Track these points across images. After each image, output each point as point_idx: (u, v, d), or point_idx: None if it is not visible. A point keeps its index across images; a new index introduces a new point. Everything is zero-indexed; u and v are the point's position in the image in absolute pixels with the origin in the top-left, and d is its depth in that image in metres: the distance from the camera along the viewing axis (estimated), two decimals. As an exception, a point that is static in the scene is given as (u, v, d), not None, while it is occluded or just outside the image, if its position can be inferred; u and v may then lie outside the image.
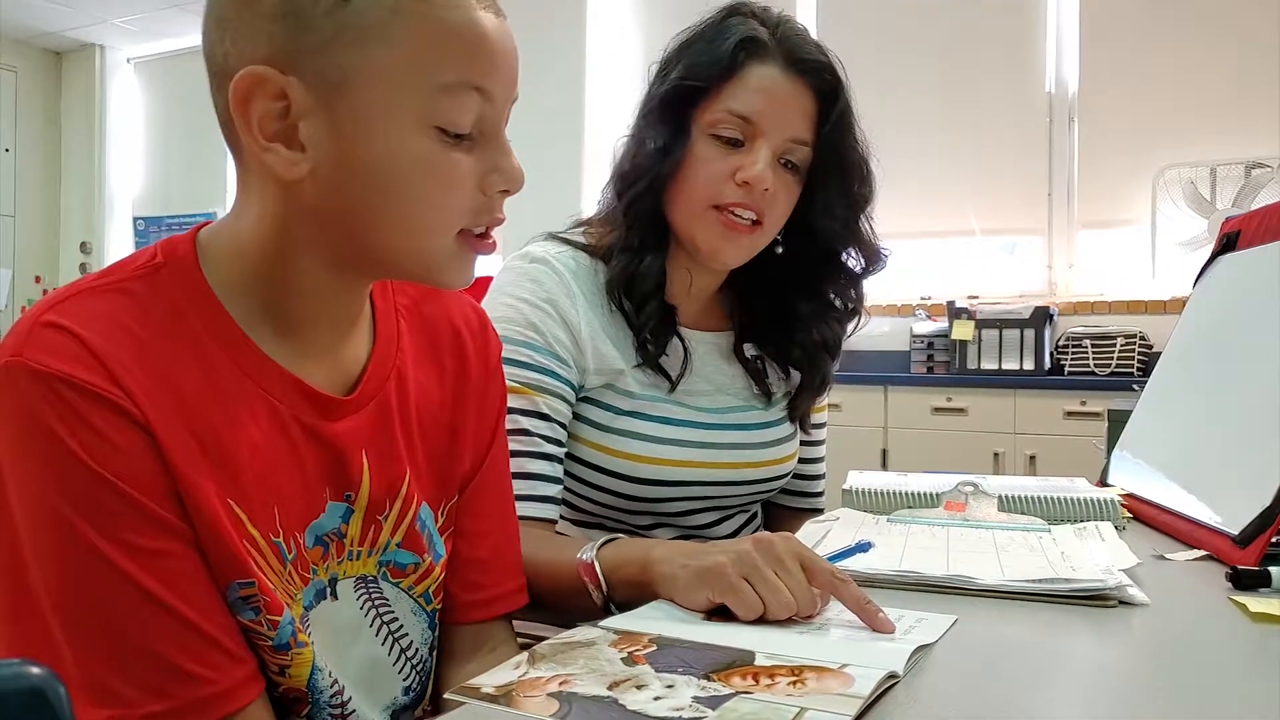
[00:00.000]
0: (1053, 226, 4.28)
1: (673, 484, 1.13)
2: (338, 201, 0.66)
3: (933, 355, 4.17)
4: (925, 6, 4.46)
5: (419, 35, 0.63)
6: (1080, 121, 4.22)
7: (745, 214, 1.09)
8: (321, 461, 0.73)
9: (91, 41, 6.92)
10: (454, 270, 0.72)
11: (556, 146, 5.16)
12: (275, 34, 0.63)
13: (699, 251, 1.12)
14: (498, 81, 0.68)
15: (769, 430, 1.23)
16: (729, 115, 1.07)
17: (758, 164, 1.06)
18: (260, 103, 0.63)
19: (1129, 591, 0.82)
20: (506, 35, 0.68)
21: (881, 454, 3.94)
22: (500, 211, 0.72)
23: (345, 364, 0.76)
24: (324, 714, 0.74)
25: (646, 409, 1.13)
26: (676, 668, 0.63)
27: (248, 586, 0.67)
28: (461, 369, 0.86)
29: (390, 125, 0.64)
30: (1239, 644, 0.74)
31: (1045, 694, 0.64)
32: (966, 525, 1.11)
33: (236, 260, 0.70)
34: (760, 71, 1.07)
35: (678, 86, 1.10)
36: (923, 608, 0.78)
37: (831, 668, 0.62)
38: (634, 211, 1.12)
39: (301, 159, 0.65)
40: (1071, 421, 3.61)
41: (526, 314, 1.08)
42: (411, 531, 0.79)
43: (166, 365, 0.65)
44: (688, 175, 1.09)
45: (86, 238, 7.00)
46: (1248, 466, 1.00)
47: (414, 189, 0.66)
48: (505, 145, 0.70)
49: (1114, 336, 3.85)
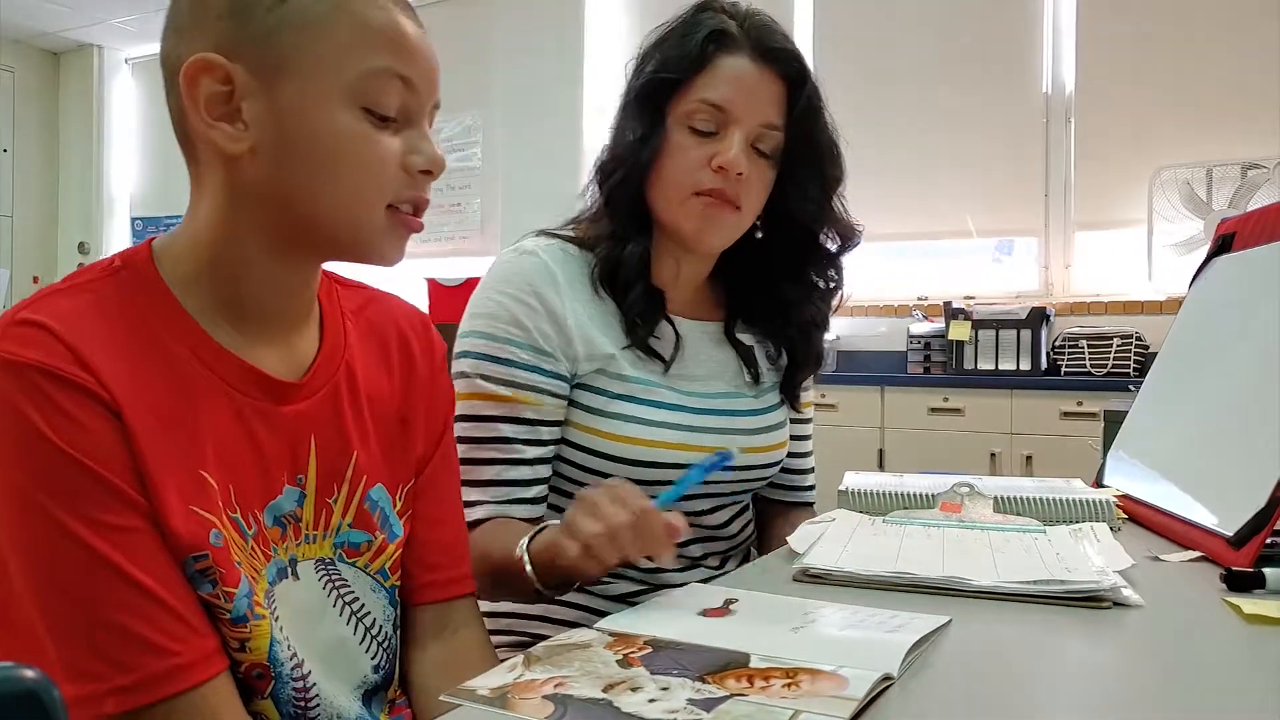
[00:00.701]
0: (1049, 227, 4.28)
1: (666, 466, 1.14)
2: (278, 176, 0.73)
3: (929, 355, 4.17)
4: (922, 8, 4.46)
5: (350, 28, 0.72)
6: (1077, 122, 4.22)
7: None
8: (275, 444, 0.78)
9: (89, 42, 6.91)
10: (385, 245, 0.77)
11: (555, 146, 5.17)
12: (223, 29, 0.71)
13: (684, 237, 1.16)
14: (418, 75, 0.75)
15: (760, 417, 1.24)
16: (702, 105, 1.11)
17: (731, 149, 1.10)
18: (207, 84, 0.71)
19: (1124, 593, 0.82)
20: (425, 40, 0.77)
21: (878, 454, 3.95)
22: (425, 192, 0.78)
23: (297, 354, 0.82)
24: (287, 690, 0.77)
25: (639, 393, 1.14)
26: (671, 670, 0.63)
27: (202, 559, 0.70)
28: (408, 365, 0.92)
29: (323, 104, 0.72)
30: (1233, 645, 0.74)
31: (1040, 696, 0.65)
32: (962, 526, 1.11)
33: (189, 256, 0.76)
34: (730, 62, 1.12)
35: (652, 80, 1.14)
36: (919, 609, 0.78)
37: (826, 670, 0.62)
38: (615, 200, 1.16)
39: (244, 135, 0.72)
40: (1068, 422, 3.62)
41: (511, 309, 1.11)
42: (361, 511, 0.84)
43: (129, 354, 0.70)
44: (666, 164, 1.13)
45: (84, 238, 7.00)
46: (1243, 468, 1.01)
47: (344, 160, 0.73)
48: (426, 132, 0.78)
49: (1110, 337, 3.85)
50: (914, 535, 1.06)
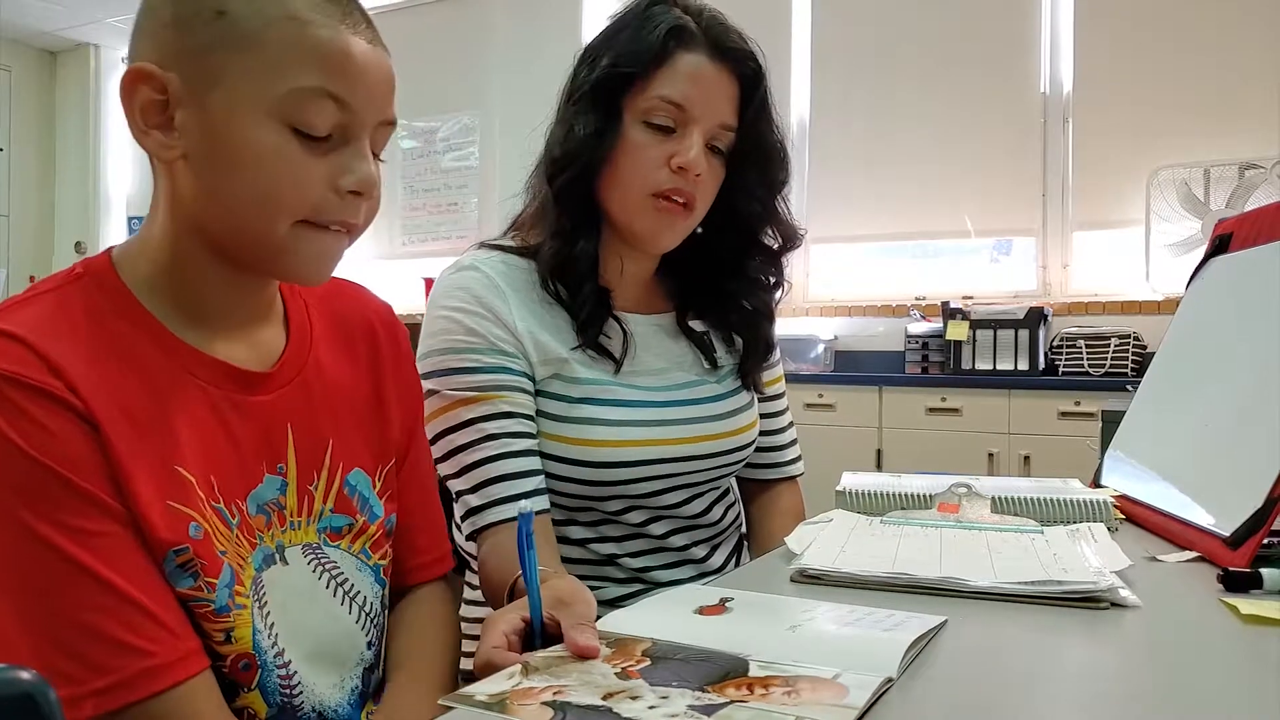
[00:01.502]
0: (1047, 227, 4.29)
1: (634, 464, 1.13)
2: (202, 186, 0.74)
3: (927, 355, 4.17)
4: (920, 8, 4.46)
5: (284, 45, 0.72)
6: (1074, 122, 4.23)
7: (678, 199, 1.12)
8: (253, 435, 0.80)
9: (86, 41, 6.90)
10: (301, 261, 0.77)
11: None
12: (166, 39, 0.73)
13: (636, 237, 1.15)
14: (356, 95, 0.74)
15: (723, 402, 1.24)
16: (661, 102, 1.10)
17: (692, 149, 1.09)
18: (143, 92, 0.73)
19: (1121, 593, 0.82)
20: (375, 59, 0.76)
21: (876, 454, 3.95)
22: (350, 214, 0.77)
23: (264, 347, 0.84)
24: (273, 678, 0.78)
25: (597, 394, 1.13)
26: (671, 682, 0.62)
27: (183, 553, 0.72)
28: (374, 352, 0.94)
29: (247, 119, 0.72)
30: (1230, 646, 0.74)
31: (1037, 696, 0.65)
32: (960, 527, 1.11)
33: (146, 261, 0.78)
34: (689, 59, 1.10)
35: (609, 74, 1.11)
36: (916, 610, 0.78)
37: (826, 677, 0.62)
38: (565, 196, 1.14)
39: (175, 143, 0.73)
40: (1066, 422, 3.62)
41: (462, 321, 1.10)
42: (341, 496, 0.86)
43: (98, 357, 0.72)
44: (622, 162, 1.11)
45: (81, 237, 6.98)
46: (1240, 468, 1.01)
47: (264, 174, 0.73)
48: (365, 153, 0.77)
49: (1108, 337, 3.86)
50: (911, 536, 1.06)
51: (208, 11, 0.71)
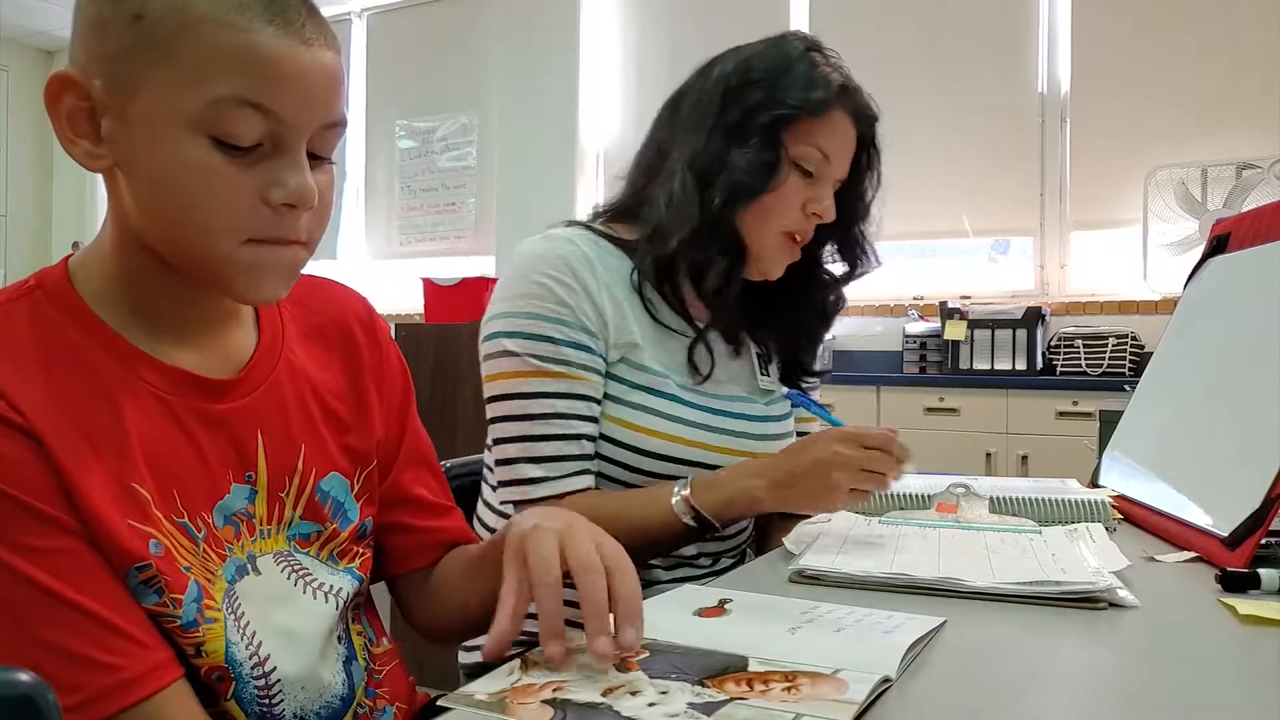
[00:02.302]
0: (1044, 227, 4.29)
1: (674, 460, 1.16)
2: (140, 201, 0.71)
3: (925, 355, 4.17)
4: (918, 8, 4.46)
5: (199, 52, 0.67)
6: (1072, 122, 4.23)
7: (798, 238, 1.21)
8: (218, 444, 0.77)
9: (83, 40, 6.89)
10: (245, 281, 0.73)
11: (549, 146, 5.17)
12: (89, 42, 0.69)
13: (756, 263, 1.21)
14: (284, 102, 0.69)
15: (769, 424, 1.27)
16: (817, 151, 1.17)
17: (827, 200, 1.19)
18: (68, 100, 0.69)
19: (1119, 594, 0.82)
20: (309, 59, 0.70)
21: (874, 454, 3.94)
22: (288, 229, 0.72)
23: (231, 354, 0.81)
24: (249, 689, 0.76)
25: (657, 384, 1.17)
26: (670, 674, 0.63)
27: (145, 569, 0.70)
28: (352, 352, 0.91)
29: (169, 132, 0.68)
30: (1228, 646, 0.74)
31: (1035, 697, 0.65)
32: (958, 527, 1.12)
33: (100, 271, 0.75)
34: (842, 115, 1.19)
35: (783, 113, 1.15)
36: (915, 610, 0.78)
37: (825, 673, 0.62)
38: (726, 220, 1.17)
39: (103, 154, 0.70)
40: (1063, 422, 3.62)
41: (554, 290, 1.13)
42: (312, 503, 0.84)
43: (46, 371, 0.70)
44: (775, 200, 1.17)
45: (78, 238, 6.96)
46: (1238, 468, 1.01)
47: (187, 193, 0.69)
48: (299, 162, 0.71)
49: (1105, 337, 3.86)
50: (910, 536, 1.06)
51: (126, 15, 0.67)
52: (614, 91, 5.19)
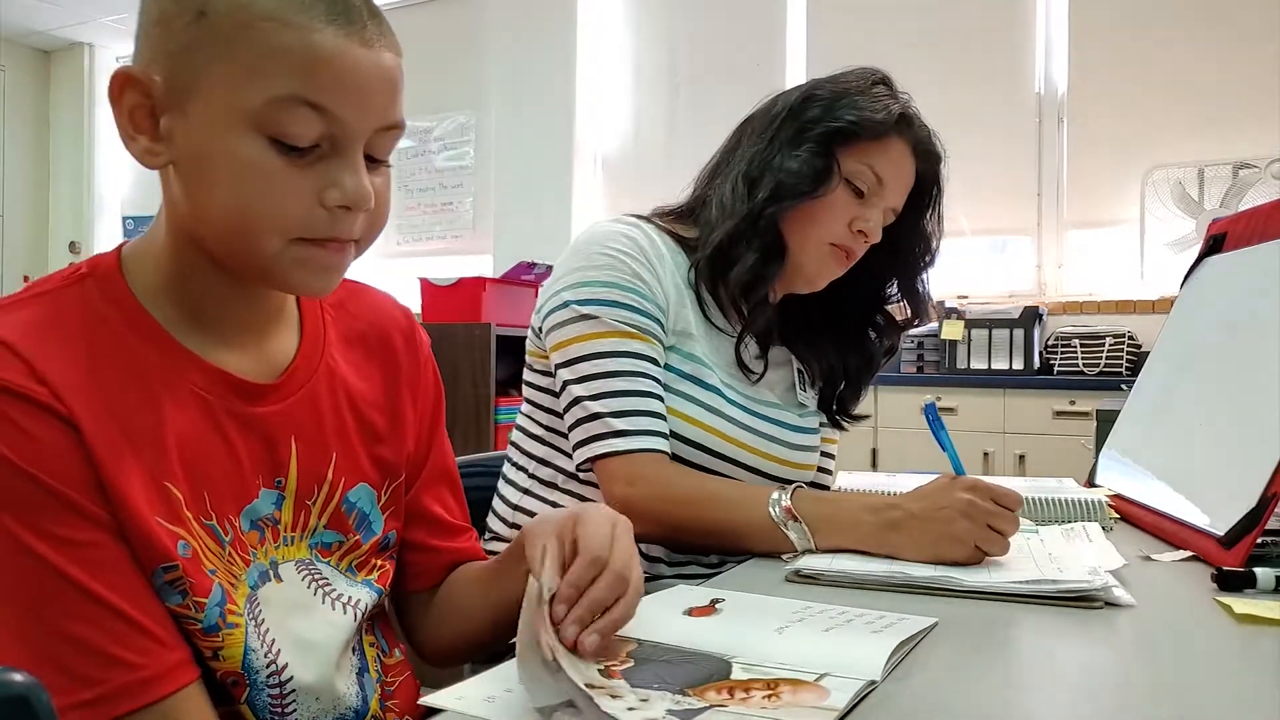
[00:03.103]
0: (1042, 226, 4.29)
1: (711, 453, 1.17)
2: (192, 197, 0.71)
3: (923, 355, 4.18)
4: (915, 7, 4.46)
5: (259, 51, 0.67)
6: (1069, 122, 4.23)
7: (844, 253, 1.23)
8: (253, 448, 0.77)
9: (80, 40, 6.89)
10: (294, 276, 0.73)
11: (547, 145, 5.17)
12: (152, 39, 0.70)
13: (800, 272, 1.23)
14: (344, 103, 0.69)
15: (801, 435, 1.28)
16: (870, 171, 1.19)
17: (874, 220, 1.21)
18: (130, 97, 0.70)
19: (1115, 593, 0.82)
20: (369, 61, 0.70)
21: (871, 454, 3.95)
22: (343, 230, 0.72)
23: (273, 356, 0.81)
24: (262, 696, 0.75)
25: (702, 374, 1.20)
26: (652, 684, 0.62)
27: (172, 570, 0.69)
28: (391, 361, 0.91)
29: (226, 130, 0.68)
30: (1224, 645, 0.74)
31: (1031, 696, 0.65)
32: (955, 526, 1.11)
33: (152, 265, 0.75)
34: (900, 145, 1.21)
35: (842, 127, 1.18)
36: (911, 609, 0.78)
37: (808, 680, 0.61)
38: (768, 220, 1.20)
39: (161, 150, 0.70)
40: (1060, 421, 3.63)
41: (629, 264, 1.17)
42: (337, 513, 0.83)
43: (90, 362, 0.70)
44: (821, 208, 1.19)
45: (76, 237, 6.97)
46: (1234, 468, 1.01)
47: (243, 191, 0.69)
48: (355, 164, 0.71)
49: (1102, 336, 3.86)
50: None
51: (189, 12, 0.68)
52: (611, 91, 5.19)
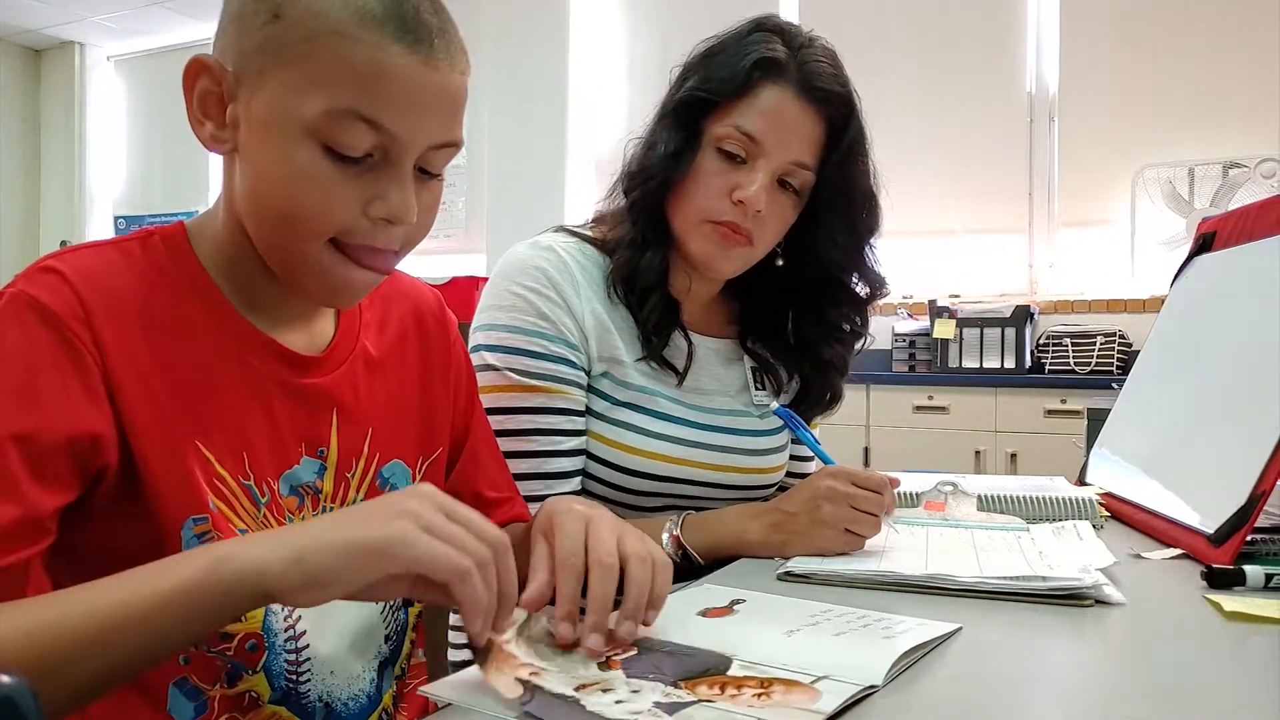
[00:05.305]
0: (1033, 225, 4.30)
1: (659, 478, 1.14)
2: (246, 191, 0.74)
3: (914, 354, 4.19)
4: (907, 7, 4.47)
5: (323, 61, 0.69)
6: (1060, 121, 4.24)
7: (734, 231, 1.11)
8: (295, 416, 0.80)
9: (71, 39, 6.86)
10: (321, 281, 0.75)
11: (540, 144, 5.16)
12: (229, 32, 0.73)
13: (691, 259, 1.15)
14: (397, 121, 0.70)
15: (761, 439, 1.24)
16: (736, 132, 1.09)
17: (753, 185, 1.08)
18: (202, 82, 0.73)
19: (1105, 590, 0.82)
20: (431, 80, 0.71)
21: (863, 452, 3.96)
22: (381, 241, 0.74)
23: (315, 333, 0.84)
24: (280, 661, 0.77)
25: (642, 401, 1.15)
26: (648, 674, 0.63)
27: (202, 522, 0.71)
28: (424, 341, 0.94)
29: (283, 132, 0.70)
30: (1214, 642, 0.75)
31: (1022, 694, 0.65)
32: (946, 525, 1.12)
33: (212, 239, 0.79)
34: (772, 92, 1.09)
35: (692, 95, 1.12)
36: (904, 608, 0.78)
37: (803, 682, 0.61)
38: (639, 208, 1.15)
39: (227, 137, 0.73)
40: (1052, 420, 3.64)
41: (535, 303, 1.11)
42: (373, 488, 0.86)
43: (144, 314, 0.72)
44: (689, 185, 1.12)
45: (67, 237, 6.93)
46: (1223, 466, 1.01)
47: (291, 193, 0.71)
48: (404, 179, 0.73)
49: (1094, 335, 3.87)
50: (898, 534, 1.06)
51: (265, 12, 0.70)
52: (604, 90, 5.18)
